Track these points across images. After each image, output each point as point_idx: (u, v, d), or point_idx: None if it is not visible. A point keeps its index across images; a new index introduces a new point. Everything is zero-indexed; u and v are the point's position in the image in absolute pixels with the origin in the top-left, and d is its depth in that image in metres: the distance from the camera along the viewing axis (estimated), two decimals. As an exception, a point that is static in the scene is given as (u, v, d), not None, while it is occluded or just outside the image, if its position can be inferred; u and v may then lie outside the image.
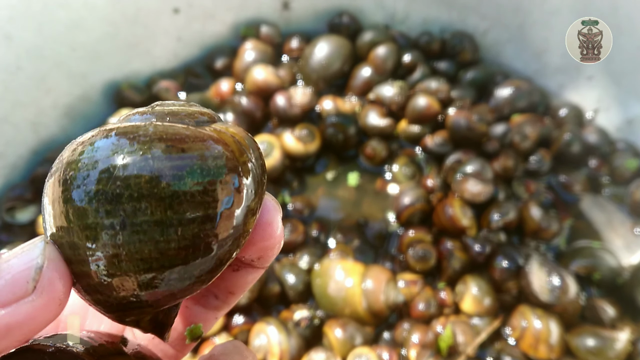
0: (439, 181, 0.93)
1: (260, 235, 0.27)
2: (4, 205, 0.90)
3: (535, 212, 0.88)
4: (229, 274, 0.30)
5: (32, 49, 0.92)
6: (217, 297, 0.31)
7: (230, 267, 0.30)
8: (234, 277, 0.30)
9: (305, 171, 0.99)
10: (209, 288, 0.31)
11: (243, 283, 0.30)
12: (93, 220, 0.23)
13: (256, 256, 0.28)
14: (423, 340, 0.76)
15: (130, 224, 0.22)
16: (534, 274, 0.81)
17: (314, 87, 1.05)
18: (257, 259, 0.28)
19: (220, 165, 0.24)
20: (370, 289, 0.80)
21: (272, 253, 0.28)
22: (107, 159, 0.23)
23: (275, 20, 1.14)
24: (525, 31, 1.06)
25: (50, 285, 0.22)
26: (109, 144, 0.24)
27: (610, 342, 0.76)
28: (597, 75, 1.02)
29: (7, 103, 0.92)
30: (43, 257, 0.22)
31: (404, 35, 1.12)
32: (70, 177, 0.24)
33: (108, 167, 0.23)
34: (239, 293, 0.31)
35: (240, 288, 0.31)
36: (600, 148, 0.98)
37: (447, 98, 1.00)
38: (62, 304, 0.22)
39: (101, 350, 0.26)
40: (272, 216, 0.27)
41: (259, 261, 0.29)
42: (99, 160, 0.23)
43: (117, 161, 0.23)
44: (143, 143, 0.23)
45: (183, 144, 0.24)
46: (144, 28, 1.04)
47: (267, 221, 0.27)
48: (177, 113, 0.26)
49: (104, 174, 0.23)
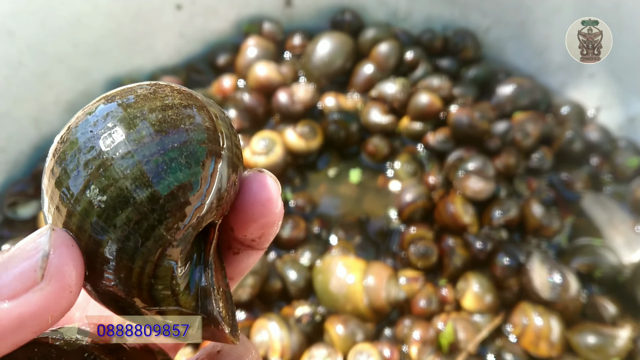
0: (440, 178, 0.93)
1: (260, 211, 0.26)
2: (6, 200, 0.90)
3: (536, 210, 0.88)
4: (230, 257, 0.30)
5: (34, 44, 0.92)
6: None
7: (231, 250, 0.29)
8: (234, 261, 0.30)
9: (307, 168, 0.99)
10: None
11: (243, 267, 0.30)
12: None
13: (257, 234, 0.27)
14: (424, 337, 0.77)
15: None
16: (535, 271, 0.81)
17: (316, 84, 1.05)
18: (258, 238, 0.28)
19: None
20: (371, 285, 0.80)
21: (273, 231, 0.28)
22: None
23: (278, 17, 1.14)
24: (527, 29, 1.06)
25: (59, 272, 0.21)
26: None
27: (611, 340, 0.76)
28: (599, 73, 1.02)
29: (9, 99, 0.92)
30: (49, 245, 0.22)
31: (406, 33, 1.12)
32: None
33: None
34: (237, 278, 0.31)
35: (240, 273, 0.31)
36: (601, 146, 0.98)
37: (449, 95, 1.00)
38: (74, 291, 0.22)
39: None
40: (271, 192, 0.26)
41: (259, 240, 0.28)
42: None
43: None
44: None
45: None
46: (146, 24, 1.04)
47: (267, 197, 0.26)
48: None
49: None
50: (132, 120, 0.23)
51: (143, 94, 0.25)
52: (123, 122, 0.23)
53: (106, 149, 0.23)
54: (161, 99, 0.24)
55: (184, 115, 0.24)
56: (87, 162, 0.23)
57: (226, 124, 0.26)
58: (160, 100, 0.24)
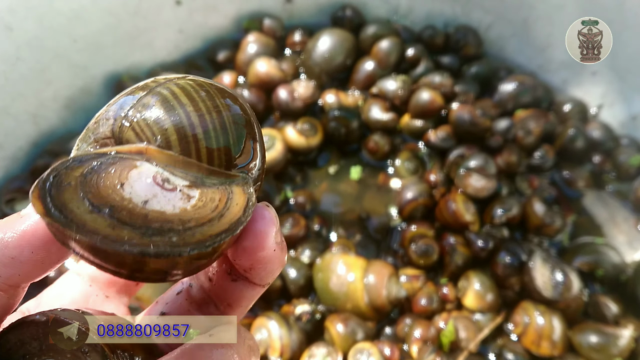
0: (441, 176, 0.93)
1: (250, 242, 0.26)
2: (4, 197, 0.90)
3: (538, 208, 0.87)
4: (227, 282, 0.30)
5: (33, 40, 0.92)
6: (216, 307, 0.32)
7: (229, 275, 0.30)
8: (230, 287, 0.30)
9: (308, 165, 0.98)
10: (209, 295, 0.31)
11: (240, 297, 0.30)
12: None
13: (247, 264, 0.27)
14: (425, 336, 0.76)
15: None
16: (537, 270, 0.80)
17: (316, 80, 1.04)
18: (249, 269, 0.28)
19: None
20: (372, 283, 0.80)
21: (266, 267, 0.28)
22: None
23: (278, 13, 1.14)
24: (530, 26, 1.06)
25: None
26: None
27: (613, 339, 0.76)
28: (602, 71, 1.01)
29: (7, 95, 0.92)
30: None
31: (407, 29, 1.11)
32: None
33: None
34: (235, 307, 0.31)
35: (237, 302, 0.31)
36: (604, 144, 0.97)
37: (450, 92, 1.00)
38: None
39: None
40: (265, 226, 0.26)
41: (251, 273, 0.28)
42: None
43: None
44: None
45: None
46: (145, 20, 1.03)
47: (260, 229, 0.26)
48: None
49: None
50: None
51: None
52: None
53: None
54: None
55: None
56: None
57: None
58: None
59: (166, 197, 0.25)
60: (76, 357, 0.25)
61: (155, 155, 0.26)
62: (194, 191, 0.26)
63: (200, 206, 0.25)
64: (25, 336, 0.25)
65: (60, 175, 0.24)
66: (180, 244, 0.23)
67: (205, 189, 0.26)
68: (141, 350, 0.28)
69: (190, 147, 0.26)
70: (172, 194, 0.25)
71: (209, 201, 0.25)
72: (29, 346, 0.25)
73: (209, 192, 0.26)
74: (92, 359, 0.25)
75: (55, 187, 0.24)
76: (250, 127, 0.28)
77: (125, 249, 0.22)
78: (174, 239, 0.23)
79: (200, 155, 0.26)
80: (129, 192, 0.25)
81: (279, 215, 0.90)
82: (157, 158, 0.26)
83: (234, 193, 0.26)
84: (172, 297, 0.33)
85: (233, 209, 0.25)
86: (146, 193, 0.25)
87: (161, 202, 0.25)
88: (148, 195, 0.25)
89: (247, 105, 0.29)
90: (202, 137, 0.26)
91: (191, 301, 0.32)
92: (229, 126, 0.26)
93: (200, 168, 0.26)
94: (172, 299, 0.33)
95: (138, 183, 0.25)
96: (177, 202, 0.25)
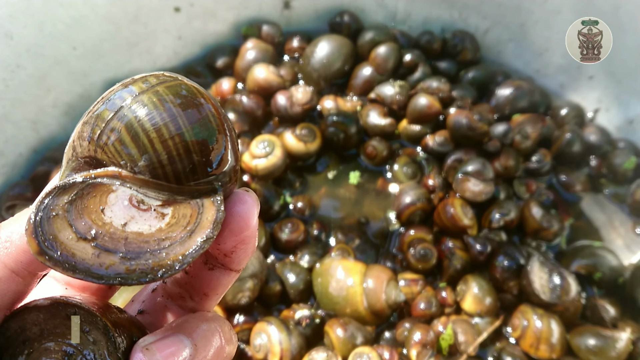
0: (439, 180, 0.93)
1: (236, 224, 0.28)
2: (4, 203, 0.90)
3: (536, 212, 0.88)
4: (204, 272, 0.31)
5: (33, 47, 0.92)
6: (192, 298, 0.33)
7: (206, 265, 0.31)
8: (207, 277, 0.31)
9: (306, 170, 0.99)
10: (185, 288, 0.33)
11: (217, 284, 0.32)
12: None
13: (230, 247, 0.29)
14: (424, 340, 0.76)
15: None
16: (535, 274, 0.81)
17: (314, 86, 1.04)
18: (230, 253, 0.29)
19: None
20: (371, 288, 0.80)
21: (246, 248, 0.29)
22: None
23: (277, 20, 1.14)
24: (527, 31, 1.06)
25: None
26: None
27: (611, 342, 0.76)
28: (598, 75, 1.02)
29: (8, 101, 0.92)
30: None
31: (405, 35, 1.12)
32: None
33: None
34: (212, 296, 0.32)
35: (214, 290, 0.32)
36: (601, 148, 0.98)
37: (448, 97, 1.00)
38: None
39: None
40: (248, 209, 0.28)
41: (232, 256, 0.30)
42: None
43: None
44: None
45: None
46: (144, 26, 1.04)
47: (243, 212, 0.28)
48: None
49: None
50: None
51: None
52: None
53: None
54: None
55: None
56: None
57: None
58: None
59: (142, 217, 0.27)
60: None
61: (128, 179, 0.27)
62: (167, 209, 0.28)
63: (173, 223, 0.27)
64: (26, 322, 0.26)
65: (48, 206, 0.26)
66: (155, 268, 0.26)
67: (177, 205, 0.28)
68: (137, 330, 0.29)
69: (157, 172, 0.27)
70: (147, 214, 0.27)
71: (181, 217, 0.28)
72: (29, 332, 0.26)
73: (180, 208, 0.28)
74: (93, 336, 0.26)
75: (45, 220, 0.26)
76: (219, 133, 0.28)
77: (107, 282, 0.25)
78: (150, 262, 0.26)
79: (168, 177, 0.27)
80: (110, 216, 0.27)
81: (278, 221, 0.90)
82: (131, 181, 0.27)
83: (204, 207, 0.28)
84: (148, 295, 0.34)
85: (203, 224, 0.27)
86: (124, 215, 0.27)
87: (139, 222, 0.27)
88: (126, 218, 0.27)
89: (215, 106, 0.29)
90: (167, 163, 0.27)
91: (167, 297, 0.33)
92: (192, 147, 0.27)
93: (170, 188, 0.27)
94: (148, 296, 0.34)
95: (116, 206, 0.27)
96: (153, 221, 0.27)
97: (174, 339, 0.27)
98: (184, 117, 0.28)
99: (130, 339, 0.27)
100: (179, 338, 0.27)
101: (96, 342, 0.26)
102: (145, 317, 0.33)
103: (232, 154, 0.29)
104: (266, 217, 0.91)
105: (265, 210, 0.90)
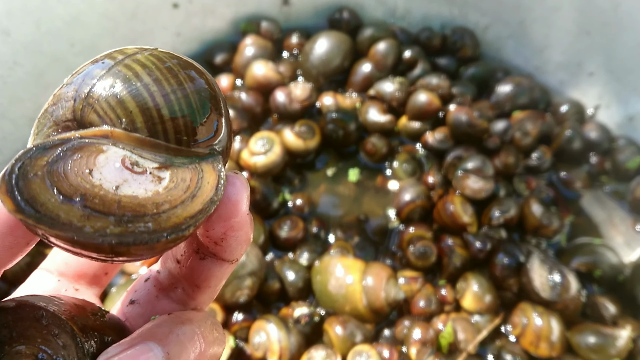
0: (439, 178, 0.93)
1: (224, 209, 0.26)
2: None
3: (536, 209, 0.87)
4: (195, 261, 0.30)
5: (30, 44, 0.92)
6: (183, 290, 0.31)
7: (197, 254, 0.30)
8: (199, 267, 0.30)
9: (305, 167, 0.99)
10: (177, 278, 0.31)
11: (208, 275, 0.30)
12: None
13: (220, 234, 0.27)
14: (424, 338, 0.76)
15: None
16: (535, 271, 0.80)
17: (314, 83, 1.04)
18: (220, 241, 0.28)
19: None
20: (370, 286, 0.80)
21: (237, 236, 0.28)
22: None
23: (275, 16, 1.14)
24: (526, 27, 1.06)
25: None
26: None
27: (611, 340, 0.76)
28: (598, 72, 1.02)
29: (5, 99, 0.92)
30: None
31: (404, 31, 1.11)
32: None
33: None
34: (204, 288, 0.31)
35: (205, 281, 0.31)
36: (601, 145, 0.98)
37: (447, 94, 1.00)
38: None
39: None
40: (238, 192, 0.27)
41: (222, 244, 0.28)
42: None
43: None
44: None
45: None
46: (143, 23, 1.04)
47: (233, 196, 0.26)
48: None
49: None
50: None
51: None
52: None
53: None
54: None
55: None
56: None
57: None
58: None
59: (137, 181, 0.24)
60: (47, 340, 0.25)
61: (121, 138, 0.25)
62: (165, 172, 0.25)
63: (171, 187, 0.25)
64: (26, 316, 0.25)
65: (25, 166, 0.23)
66: (157, 229, 0.23)
67: (175, 169, 0.26)
68: (112, 331, 0.28)
69: (157, 128, 0.25)
70: (142, 177, 0.25)
71: (180, 182, 0.25)
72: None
73: (179, 172, 0.26)
74: (62, 340, 0.25)
75: (22, 179, 0.22)
76: (215, 101, 0.28)
77: (103, 240, 0.22)
78: (149, 225, 0.23)
79: (167, 135, 0.26)
80: (99, 179, 0.24)
81: (278, 218, 0.90)
82: (124, 141, 0.25)
83: (204, 172, 0.26)
84: (141, 284, 0.33)
85: (205, 188, 0.25)
86: (116, 178, 0.24)
87: (132, 186, 0.24)
88: (119, 181, 0.24)
89: (213, 80, 0.29)
90: (168, 118, 0.25)
91: (160, 287, 0.32)
92: (192, 100, 0.26)
93: (168, 149, 0.26)
94: (140, 286, 0.33)
95: (106, 168, 0.24)
96: (149, 185, 0.25)
97: (141, 348, 0.25)
98: (185, 75, 0.27)
99: (102, 343, 0.26)
100: (148, 347, 0.25)
101: (66, 346, 0.25)
102: (135, 308, 0.32)
103: (227, 127, 0.28)
104: (265, 215, 0.90)
105: (264, 208, 0.90)
